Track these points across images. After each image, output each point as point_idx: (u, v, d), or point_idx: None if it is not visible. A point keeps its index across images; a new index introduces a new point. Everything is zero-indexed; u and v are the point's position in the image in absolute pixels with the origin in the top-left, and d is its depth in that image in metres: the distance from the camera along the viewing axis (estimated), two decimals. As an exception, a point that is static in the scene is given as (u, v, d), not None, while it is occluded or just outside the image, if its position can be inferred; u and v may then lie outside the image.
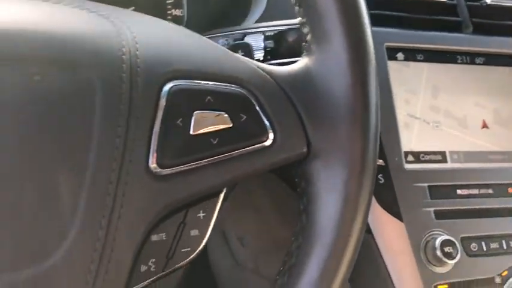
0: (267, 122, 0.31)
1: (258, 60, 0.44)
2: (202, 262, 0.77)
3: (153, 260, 0.31)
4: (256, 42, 0.44)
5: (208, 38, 0.35)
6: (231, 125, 0.30)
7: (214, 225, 0.33)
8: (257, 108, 0.31)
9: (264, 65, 0.33)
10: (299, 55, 0.34)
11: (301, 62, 0.33)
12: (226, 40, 0.44)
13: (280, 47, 0.45)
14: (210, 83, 0.30)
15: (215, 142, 0.30)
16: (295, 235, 0.33)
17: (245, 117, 0.31)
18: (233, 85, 0.31)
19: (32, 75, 0.27)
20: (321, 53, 0.32)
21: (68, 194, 0.27)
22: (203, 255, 0.77)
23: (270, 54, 0.44)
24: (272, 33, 0.44)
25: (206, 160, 0.30)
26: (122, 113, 0.28)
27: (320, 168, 0.32)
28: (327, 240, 0.31)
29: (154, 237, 0.30)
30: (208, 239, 0.33)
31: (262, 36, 0.44)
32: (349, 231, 0.31)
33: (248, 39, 0.44)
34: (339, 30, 0.32)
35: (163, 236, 0.31)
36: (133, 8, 0.51)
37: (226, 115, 0.30)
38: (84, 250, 0.27)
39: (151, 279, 0.31)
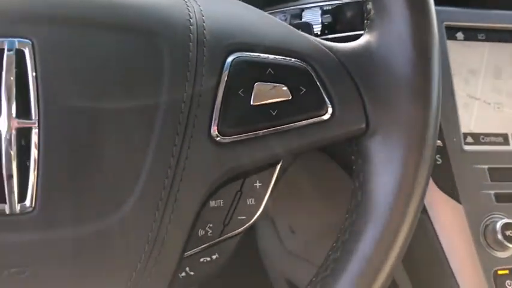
0: (326, 96, 0.31)
1: (315, 34, 0.44)
2: (252, 249, 0.77)
3: (211, 225, 0.32)
4: (314, 16, 0.44)
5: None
6: (290, 98, 0.31)
7: (262, 212, 0.33)
8: (317, 82, 0.31)
9: (325, 41, 0.33)
10: (356, 29, 0.34)
11: (363, 39, 0.33)
12: (284, 16, 0.45)
13: (338, 22, 0.44)
14: (271, 56, 0.31)
15: (274, 113, 0.30)
16: (349, 212, 0.33)
17: (304, 90, 0.31)
18: (294, 59, 0.31)
19: (109, 40, 0.28)
20: (383, 29, 0.32)
21: (135, 153, 0.28)
22: (252, 243, 0.78)
23: (328, 29, 0.44)
24: (329, 8, 0.44)
25: (265, 131, 0.30)
26: (187, 79, 0.29)
27: (378, 145, 0.32)
28: (382, 217, 0.31)
29: (212, 203, 0.32)
30: (258, 226, 0.33)
31: (320, 11, 0.44)
32: (405, 209, 0.31)
33: (305, 14, 0.44)
34: (402, 6, 0.31)
35: (221, 203, 0.32)
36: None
37: (286, 88, 0.30)
38: (147, 209, 0.28)
39: (207, 244, 0.32)
